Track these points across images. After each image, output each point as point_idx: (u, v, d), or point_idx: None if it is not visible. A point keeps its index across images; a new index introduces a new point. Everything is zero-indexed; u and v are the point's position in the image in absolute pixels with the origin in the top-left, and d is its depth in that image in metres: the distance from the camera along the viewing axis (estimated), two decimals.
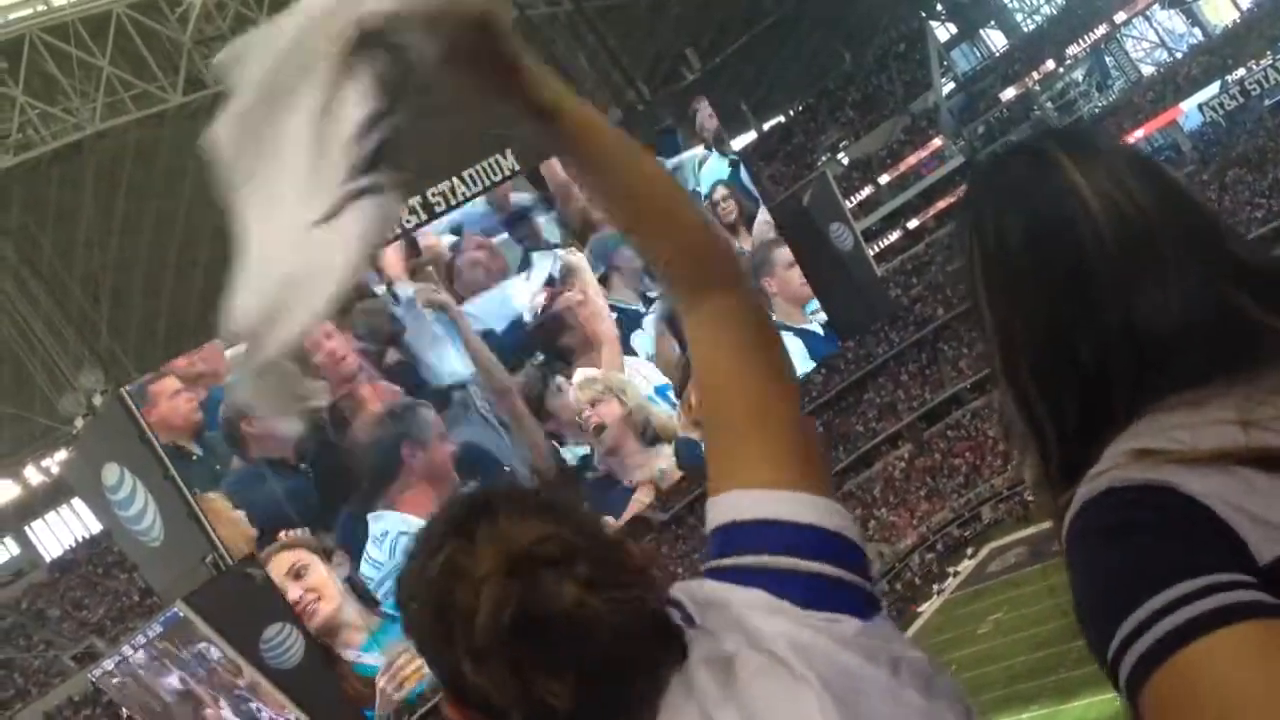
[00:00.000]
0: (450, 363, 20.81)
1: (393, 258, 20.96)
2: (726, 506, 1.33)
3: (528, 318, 22.02)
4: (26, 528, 45.09)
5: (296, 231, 1.24)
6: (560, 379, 21.95)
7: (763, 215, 25.59)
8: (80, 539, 45.68)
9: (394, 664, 18.09)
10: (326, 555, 18.54)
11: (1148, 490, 1.16)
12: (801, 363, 25.06)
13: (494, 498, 1.27)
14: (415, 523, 19.00)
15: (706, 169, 25.63)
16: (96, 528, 40.26)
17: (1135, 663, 1.09)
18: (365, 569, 18.47)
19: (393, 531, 18.76)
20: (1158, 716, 1.08)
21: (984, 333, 1.40)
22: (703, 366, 1.42)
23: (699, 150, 25.73)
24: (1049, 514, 1.32)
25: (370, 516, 18.99)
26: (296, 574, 18.00)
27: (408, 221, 21.25)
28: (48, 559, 45.52)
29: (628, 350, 22.84)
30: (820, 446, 1.43)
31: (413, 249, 21.48)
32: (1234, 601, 1.06)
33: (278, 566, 17.76)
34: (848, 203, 35.64)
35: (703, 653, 1.23)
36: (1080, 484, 1.23)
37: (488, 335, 21.44)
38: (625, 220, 1.44)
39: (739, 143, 50.34)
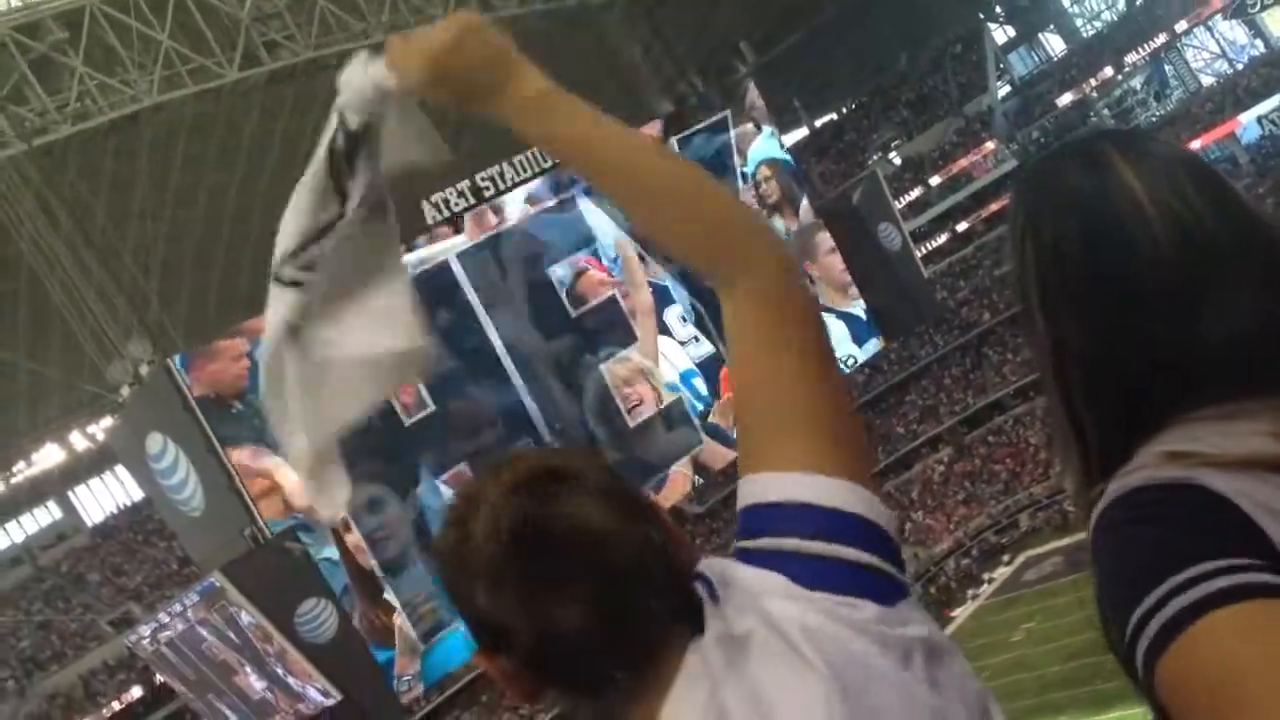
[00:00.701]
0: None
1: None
2: (757, 487, 1.33)
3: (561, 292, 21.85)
4: (70, 492, 45.66)
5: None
6: (588, 356, 21.73)
7: (805, 202, 25.50)
8: (122, 506, 46.24)
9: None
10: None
11: (1176, 488, 1.17)
12: (845, 346, 24.91)
13: (525, 450, 1.32)
14: None
15: (754, 148, 25.53)
16: (138, 495, 40.72)
17: (1149, 643, 1.10)
18: None
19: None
20: (1169, 689, 1.10)
21: (1035, 336, 1.38)
22: (736, 353, 1.40)
23: (748, 128, 25.65)
24: (1087, 523, 1.32)
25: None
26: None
27: (457, 205, 21.31)
28: (89, 524, 46.10)
29: (661, 329, 22.63)
30: (860, 434, 1.41)
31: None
32: (1245, 581, 1.08)
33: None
34: (897, 203, 35.48)
35: (720, 630, 1.24)
36: (1114, 479, 1.25)
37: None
38: (631, 213, 1.43)
39: (790, 139, 50.16)
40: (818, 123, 56.45)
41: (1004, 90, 54.43)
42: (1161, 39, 51.96)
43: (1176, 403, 1.26)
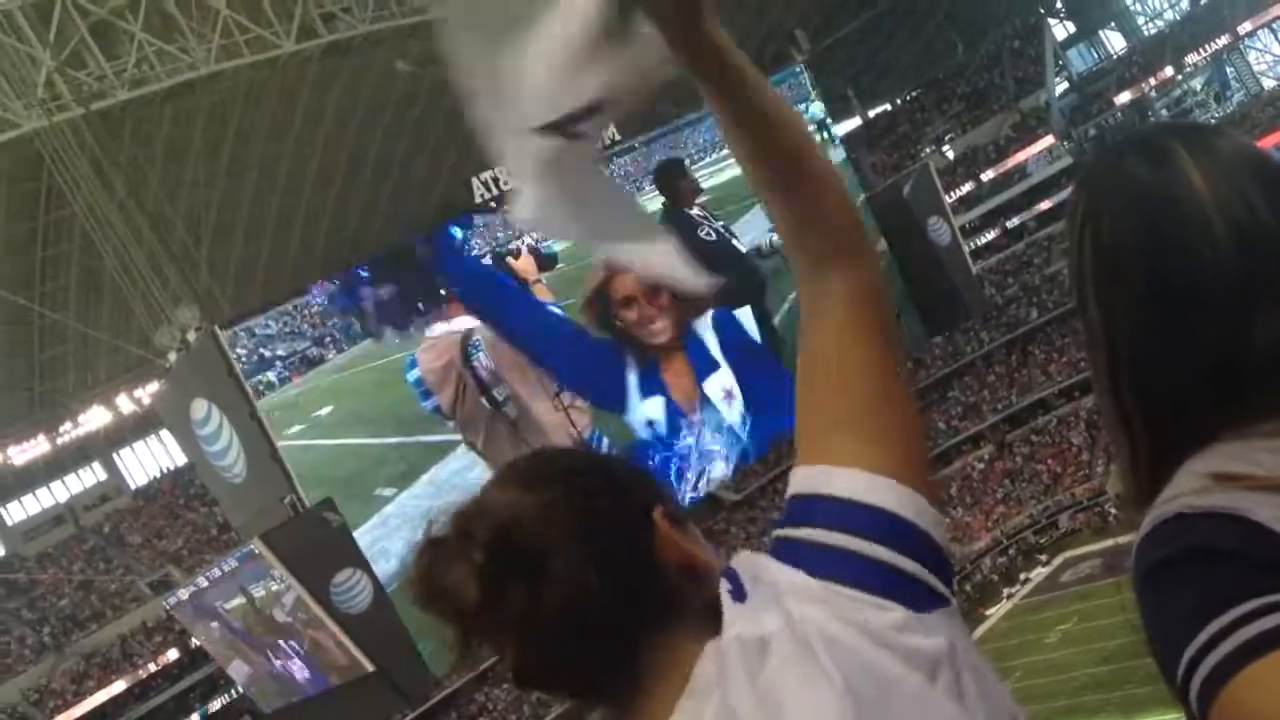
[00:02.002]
0: None
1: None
2: (808, 478, 1.33)
3: None
4: (115, 454, 46.23)
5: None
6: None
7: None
8: (165, 470, 46.78)
9: None
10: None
11: (1217, 517, 1.15)
12: None
13: (496, 478, 1.36)
14: None
15: None
16: (181, 460, 41.17)
17: (1199, 690, 1.09)
18: None
19: None
20: None
21: (1089, 330, 1.36)
22: (810, 341, 1.39)
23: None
24: (1132, 525, 1.30)
25: None
26: None
27: (506, 184, 21.32)
28: (133, 486, 46.67)
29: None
30: (923, 439, 1.40)
31: None
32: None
33: None
34: (948, 197, 35.18)
35: (741, 629, 1.24)
36: (1154, 505, 1.22)
37: None
38: (762, 173, 1.39)
39: (842, 129, 49.89)
40: (871, 113, 56.08)
41: (1062, 86, 53.84)
42: (1224, 40, 51.23)
43: (1227, 413, 1.24)
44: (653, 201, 21.78)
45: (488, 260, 19.83)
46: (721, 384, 19.51)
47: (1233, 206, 1.25)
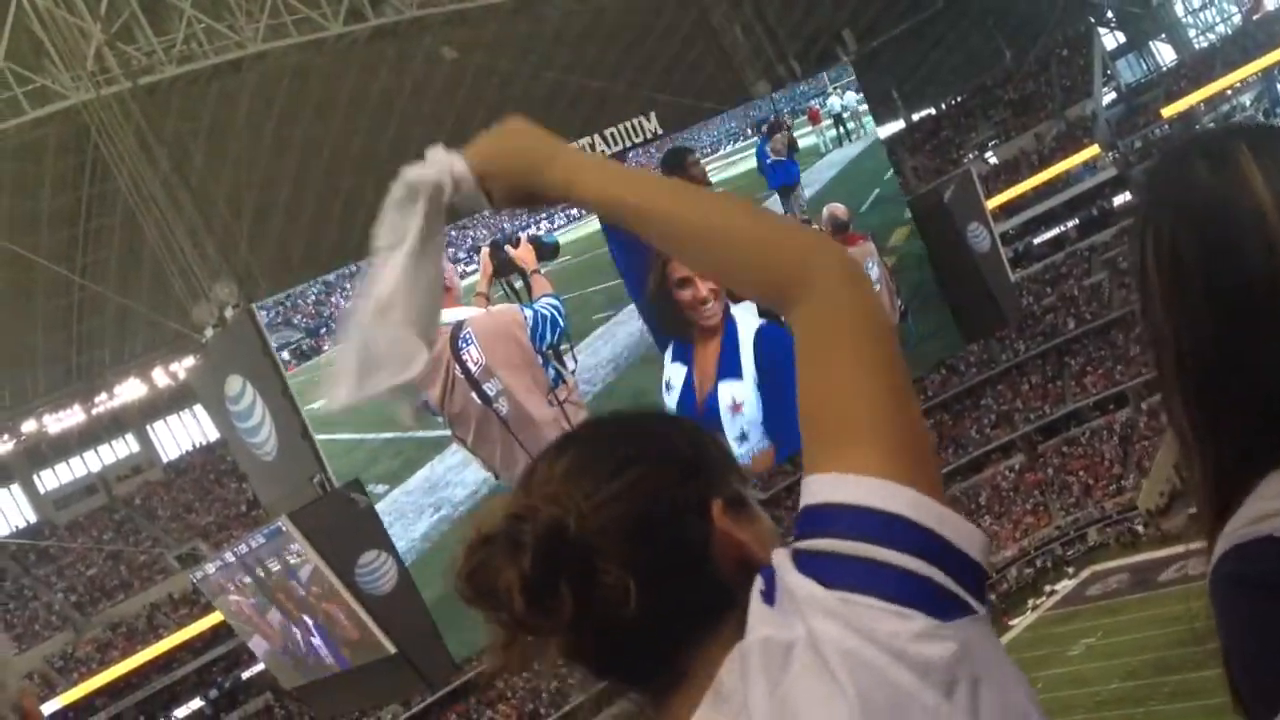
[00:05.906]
0: None
1: None
2: (815, 488, 1.30)
3: None
4: (148, 427, 46.64)
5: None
6: None
7: None
8: (197, 444, 47.16)
9: None
10: None
11: None
12: None
13: (552, 449, 1.38)
14: None
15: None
16: (214, 435, 41.48)
17: None
18: None
19: None
20: None
21: (1152, 333, 1.32)
22: (799, 369, 1.37)
23: None
24: (1194, 533, 1.26)
25: None
26: None
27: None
28: (164, 459, 47.08)
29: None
30: (928, 446, 1.36)
31: None
32: None
33: None
34: (989, 204, 34.87)
35: (767, 633, 1.23)
36: (1236, 518, 1.18)
37: None
38: (689, 262, 1.48)
39: (885, 130, 49.70)
40: (915, 116, 55.84)
41: (1109, 97, 53.40)
42: (1276, 55, 50.67)
43: None
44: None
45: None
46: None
47: None
